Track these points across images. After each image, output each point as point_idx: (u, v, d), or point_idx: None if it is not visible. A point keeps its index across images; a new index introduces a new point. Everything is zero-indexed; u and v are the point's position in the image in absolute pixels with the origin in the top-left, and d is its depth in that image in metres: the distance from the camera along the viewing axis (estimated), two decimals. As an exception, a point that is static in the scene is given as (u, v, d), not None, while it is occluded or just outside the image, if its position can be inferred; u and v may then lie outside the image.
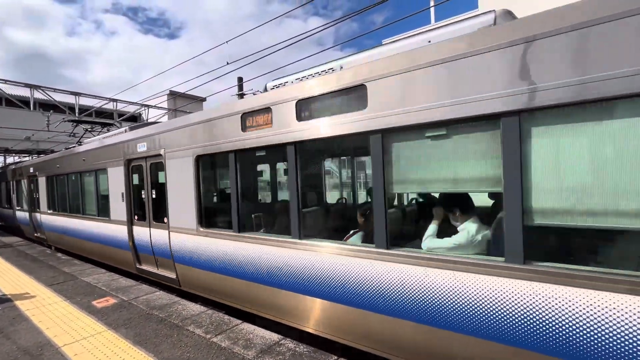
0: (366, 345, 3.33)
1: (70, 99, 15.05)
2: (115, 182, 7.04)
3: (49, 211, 10.57)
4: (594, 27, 2.06)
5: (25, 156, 18.72)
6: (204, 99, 26.97)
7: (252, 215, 4.78)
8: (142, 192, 6.44)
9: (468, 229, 2.96)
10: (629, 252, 2.38)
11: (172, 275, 5.84)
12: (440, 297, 2.74)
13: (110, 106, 16.57)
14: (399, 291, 2.96)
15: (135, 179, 6.73)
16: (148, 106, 18.07)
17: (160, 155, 5.82)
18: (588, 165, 2.20)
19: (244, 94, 8.53)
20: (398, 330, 3.02)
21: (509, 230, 2.42)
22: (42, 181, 10.92)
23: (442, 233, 3.14)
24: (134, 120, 22.14)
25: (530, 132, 2.36)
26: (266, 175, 7.33)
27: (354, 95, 3.21)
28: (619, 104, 2.07)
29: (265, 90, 4.47)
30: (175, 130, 5.50)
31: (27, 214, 12.60)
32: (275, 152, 5.58)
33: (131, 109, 18.09)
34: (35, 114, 14.82)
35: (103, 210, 7.75)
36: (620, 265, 2.16)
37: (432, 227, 3.17)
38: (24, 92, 16.12)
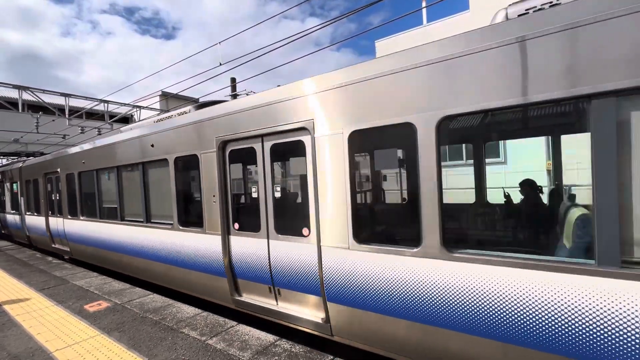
0: None
1: (60, 100, 14.81)
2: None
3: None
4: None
5: (14, 158, 18.37)
6: (196, 100, 26.81)
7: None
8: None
9: None
10: None
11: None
12: None
13: (101, 107, 16.33)
14: None
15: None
16: (140, 107, 17.86)
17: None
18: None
19: (237, 95, 8.50)
20: None
21: None
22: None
23: None
24: (126, 121, 21.90)
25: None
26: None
27: None
28: None
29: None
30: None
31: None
32: None
33: (123, 110, 17.89)
34: (24, 115, 14.57)
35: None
36: None
37: None
38: (13, 94, 15.88)
